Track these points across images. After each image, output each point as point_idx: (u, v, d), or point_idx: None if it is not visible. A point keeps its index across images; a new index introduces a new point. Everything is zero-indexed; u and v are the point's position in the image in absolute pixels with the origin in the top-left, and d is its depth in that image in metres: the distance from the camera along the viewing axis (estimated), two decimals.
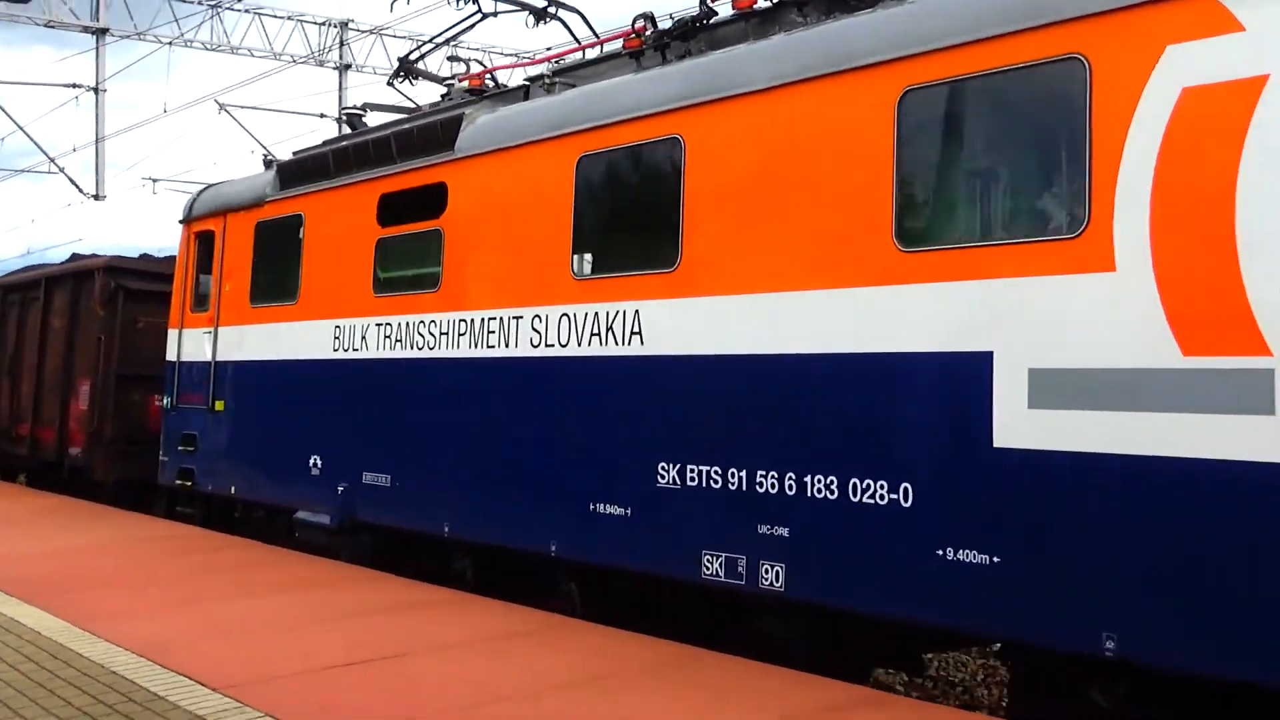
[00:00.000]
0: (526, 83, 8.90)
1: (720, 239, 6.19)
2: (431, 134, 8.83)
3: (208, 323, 11.83)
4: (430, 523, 8.33)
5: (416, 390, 8.63)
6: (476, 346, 8.01)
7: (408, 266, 9.35)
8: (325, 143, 10.99)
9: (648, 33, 7.33)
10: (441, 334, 8.38)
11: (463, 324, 8.18)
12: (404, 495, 8.65)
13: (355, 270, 9.50)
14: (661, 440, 6.43)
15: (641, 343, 6.60)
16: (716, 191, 6.24)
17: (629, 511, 6.60)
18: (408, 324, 8.76)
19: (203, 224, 12.21)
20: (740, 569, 5.85)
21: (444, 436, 8.22)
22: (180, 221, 12.78)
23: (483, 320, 7.97)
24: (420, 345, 8.61)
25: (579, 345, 7.08)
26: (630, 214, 7.25)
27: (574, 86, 8.09)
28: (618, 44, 8.07)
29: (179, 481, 11.91)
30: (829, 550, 5.52)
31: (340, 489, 9.34)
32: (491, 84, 9.77)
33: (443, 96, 10.09)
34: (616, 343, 6.78)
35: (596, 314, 6.94)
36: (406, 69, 11.09)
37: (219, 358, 11.51)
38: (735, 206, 6.16)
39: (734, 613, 6.46)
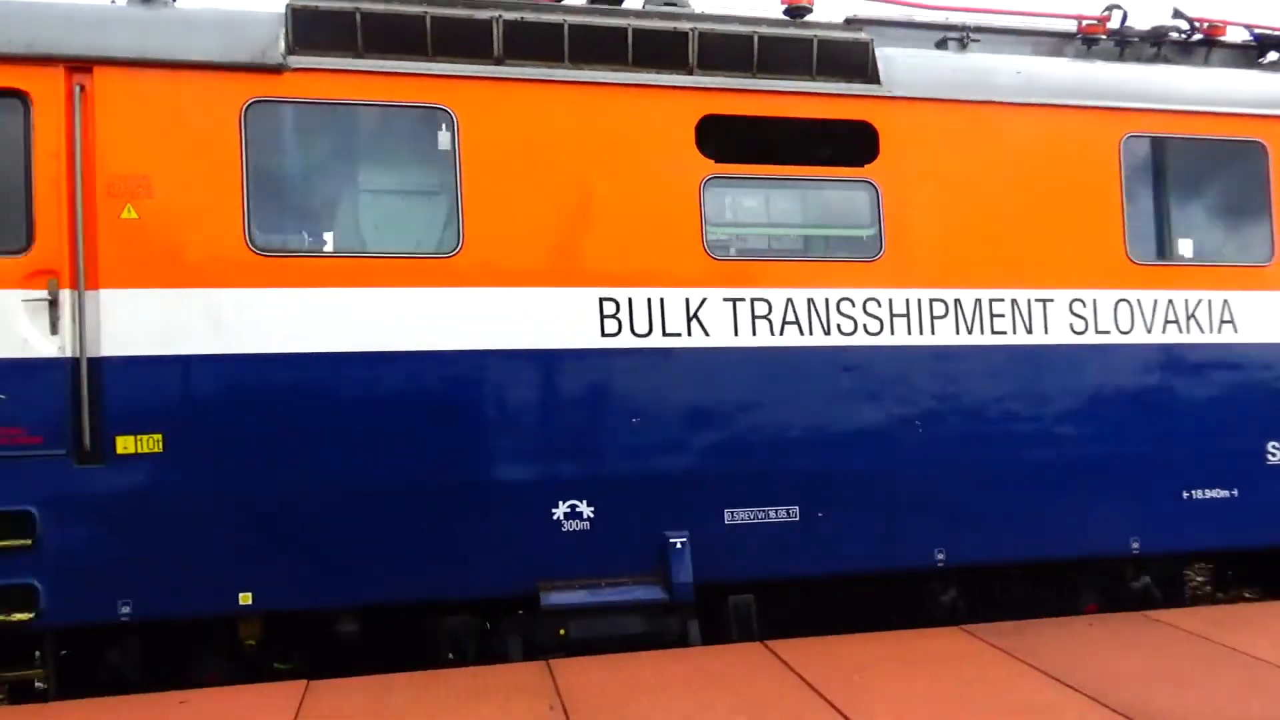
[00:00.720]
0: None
1: None
2: (801, 52, 6.63)
3: (33, 278, 5.53)
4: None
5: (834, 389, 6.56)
6: (958, 333, 6.76)
7: (781, 223, 6.71)
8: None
9: (1113, 24, 7.46)
10: (896, 315, 6.63)
11: (938, 304, 6.70)
12: (840, 529, 6.46)
13: (643, 217, 6.31)
14: None
15: (1235, 330, 7.21)
16: None
17: None
18: (812, 300, 6.50)
19: None
20: None
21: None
22: None
23: (979, 301, 6.77)
24: (846, 330, 6.55)
25: (1146, 331, 7.02)
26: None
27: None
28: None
29: None
30: None
31: (677, 542, 6.19)
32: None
33: None
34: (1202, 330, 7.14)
35: (1171, 301, 7.07)
36: None
37: (118, 351, 5.55)
38: None
39: None
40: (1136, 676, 4.93)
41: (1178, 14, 7.67)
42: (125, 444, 5.58)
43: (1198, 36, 7.77)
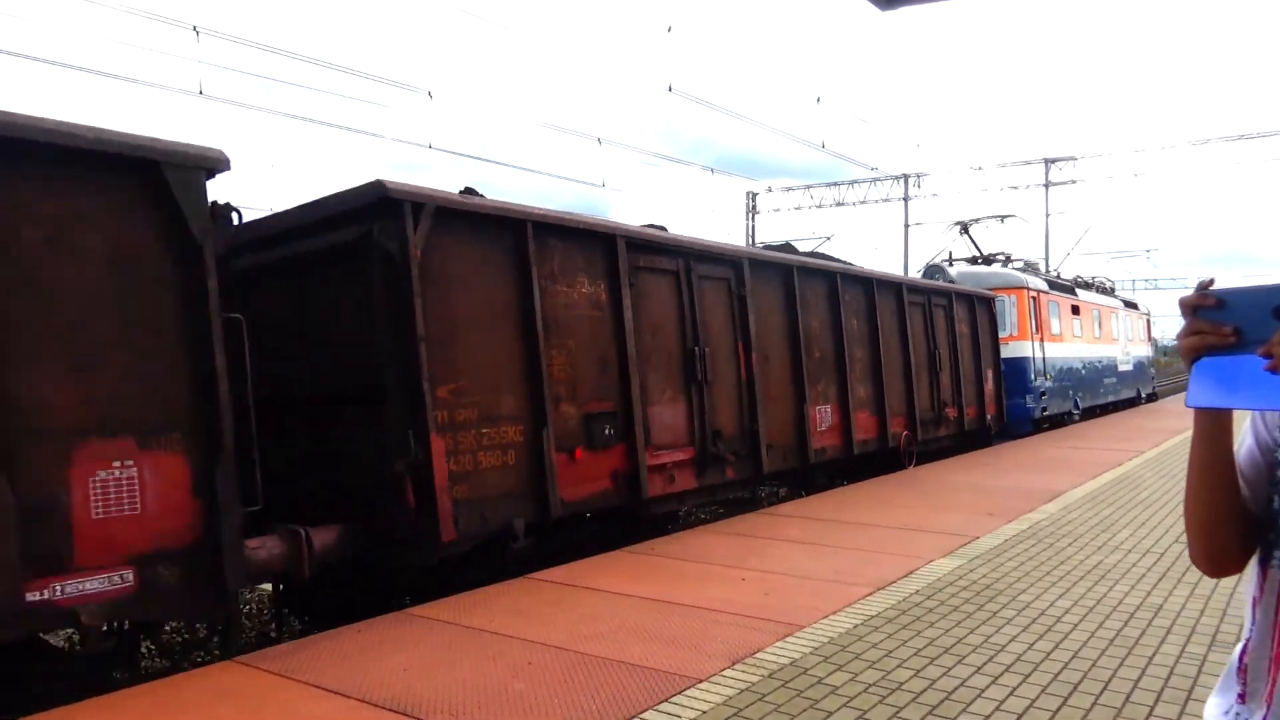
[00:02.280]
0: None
1: None
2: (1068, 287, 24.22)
3: (1032, 338, 20.05)
4: None
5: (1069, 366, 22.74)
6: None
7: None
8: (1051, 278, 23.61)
9: None
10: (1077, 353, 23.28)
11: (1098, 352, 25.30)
12: (1089, 394, 23.86)
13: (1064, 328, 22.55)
14: None
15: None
16: None
17: None
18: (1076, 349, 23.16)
19: (1016, 291, 19.96)
20: None
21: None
22: (1014, 288, 20.02)
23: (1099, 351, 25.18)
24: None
25: None
26: None
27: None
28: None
29: (1042, 412, 20.22)
30: None
31: (1080, 400, 22.84)
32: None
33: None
34: None
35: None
36: (964, 228, 23.86)
37: (1044, 354, 20.52)
38: None
39: None
40: (400, 670, 4.99)
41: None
42: (1040, 382, 20.20)
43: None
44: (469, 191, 7.64)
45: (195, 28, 16.97)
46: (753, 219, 43.11)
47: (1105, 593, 6.29)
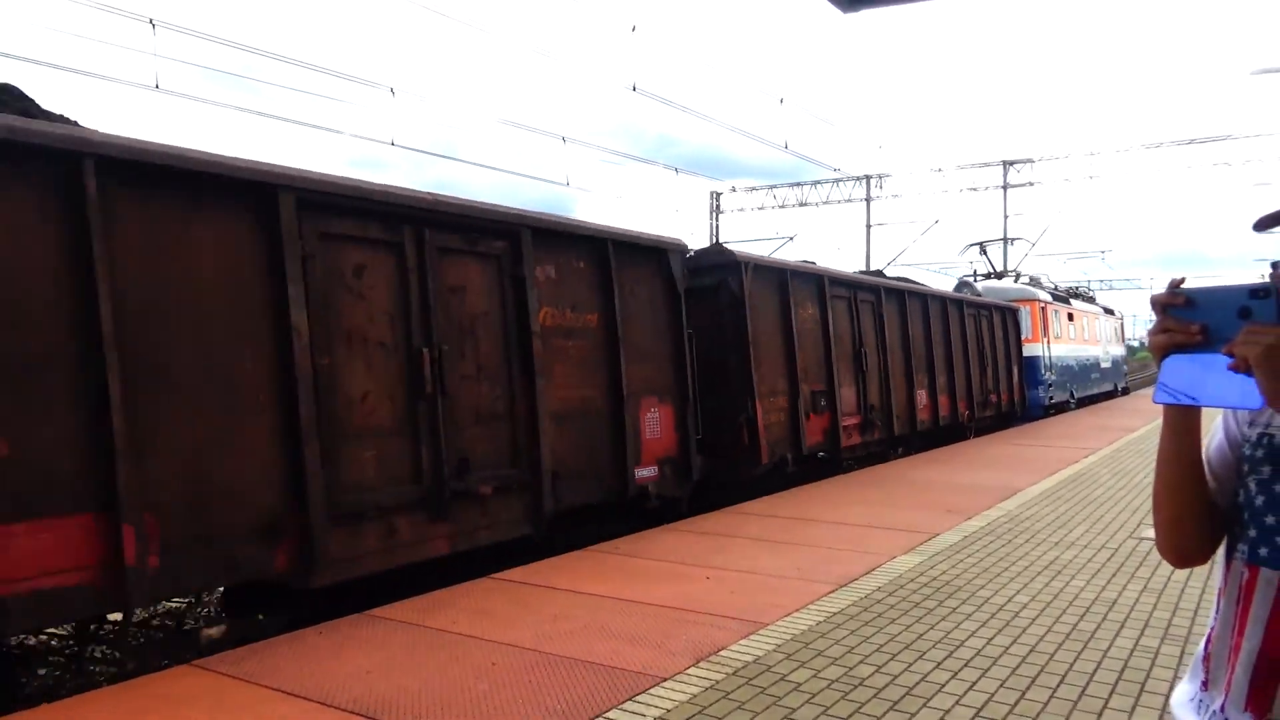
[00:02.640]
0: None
1: None
2: (1063, 295, 28.60)
3: (1042, 340, 24.78)
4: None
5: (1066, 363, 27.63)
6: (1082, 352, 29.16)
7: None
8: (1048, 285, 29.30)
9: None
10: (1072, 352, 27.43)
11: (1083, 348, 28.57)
12: (1079, 384, 28.64)
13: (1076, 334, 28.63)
14: None
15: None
16: None
17: None
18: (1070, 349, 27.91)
19: (1031, 303, 24.66)
20: None
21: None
22: (1029, 300, 24.70)
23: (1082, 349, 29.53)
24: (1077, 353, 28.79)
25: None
26: None
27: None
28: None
29: (1050, 400, 24.96)
30: None
31: (1075, 390, 27.53)
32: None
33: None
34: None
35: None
36: (982, 248, 29.78)
37: (1050, 354, 25.14)
38: None
39: None
40: (361, 673, 4.99)
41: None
42: (1048, 376, 25.14)
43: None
44: (719, 244, 12.17)
45: (152, 21, 16.55)
46: (716, 219, 44.29)
47: (1061, 588, 6.44)
